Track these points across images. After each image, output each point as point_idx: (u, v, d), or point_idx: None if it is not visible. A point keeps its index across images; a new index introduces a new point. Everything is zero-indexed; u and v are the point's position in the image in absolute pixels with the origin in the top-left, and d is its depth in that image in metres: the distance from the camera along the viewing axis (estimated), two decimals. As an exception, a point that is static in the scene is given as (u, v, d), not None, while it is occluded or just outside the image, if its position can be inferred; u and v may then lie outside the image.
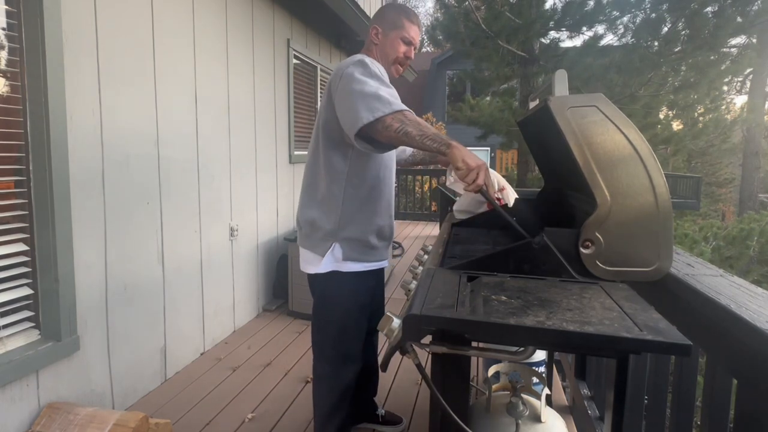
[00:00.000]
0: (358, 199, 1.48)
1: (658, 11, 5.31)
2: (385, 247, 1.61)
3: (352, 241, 1.49)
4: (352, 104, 1.28)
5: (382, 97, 1.26)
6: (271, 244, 3.54)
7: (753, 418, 0.74)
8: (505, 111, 6.61)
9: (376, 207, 1.52)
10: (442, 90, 16.36)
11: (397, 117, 1.23)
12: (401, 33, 1.51)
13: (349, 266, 1.51)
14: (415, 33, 1.53)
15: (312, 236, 1.52)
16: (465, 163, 1.12)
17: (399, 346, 0.84)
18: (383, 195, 1.54)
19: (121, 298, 2.08)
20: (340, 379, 1.60)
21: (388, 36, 1.51)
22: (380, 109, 1.23)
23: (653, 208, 0.96)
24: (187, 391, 2.29)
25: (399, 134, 1.21)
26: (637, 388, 1.39)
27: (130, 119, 2.10)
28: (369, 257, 1.54)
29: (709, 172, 17.68)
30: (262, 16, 3.34)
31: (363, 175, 1.47)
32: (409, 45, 1.53)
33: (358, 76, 1.31)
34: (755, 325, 0.70)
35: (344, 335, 1.57)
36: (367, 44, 1.57)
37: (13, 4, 1.63)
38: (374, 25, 1.54)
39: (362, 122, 1.24)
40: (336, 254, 1.49)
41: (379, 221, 1.53)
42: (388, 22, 1.51)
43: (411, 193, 8.36)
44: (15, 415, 1.65)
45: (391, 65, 1.54)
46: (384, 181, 1.54)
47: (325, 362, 1.62)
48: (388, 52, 1.52)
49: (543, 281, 0.95)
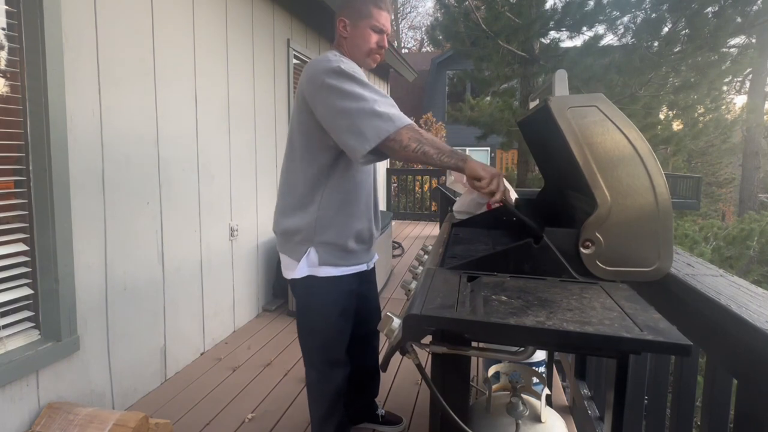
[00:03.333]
0: (335, 203, 1.44)
1: (659, 11, 5.31)
2: (364, 250, 1.57)
3: (329, 245, 1.46)
4: (353, 125, 1.25)
5: (382, 113, 1.24)
6: (271, 244, 3.54)
7: (753, 418, 0.74)
8: (505, 111, 6.61)
9: (353, 210, 1.48)
10: (442, 90, 16.35)
11: (412, 137, 1.24)
12: (370, 22, 1.41)
13: (325, 270, 1.47)
14: (386, 19, 1.43)
15: (289, 241, 1.48)
16: (486, 172, 1.18)
17: (399, 346, 0.84)
18: (361, 198, 1.50)
19: (121, 298, 2.08)
20: (329, 384, 1.57)
21: (357, 27, 1.41)
22: (385, 128, 1.23)
23: (653, 208, 0.96)
24: (187, 391, 2.29)
25: (417, 153, 1.24)
26: (637, 388, 1.39)
27: (130, 119, 2.10)
28: (346, 261, 1.50)
29: (709, 172, 17.68)
30: (262, 16, 3.34)
31: (340, 179, 1.44)
32: (381, 33, 1.43)
33: (347, 89, 1.27)
34: (755, 325, 0.70)
35: (327, 342, 1.54)
36: (337, 39, 1.47)
37: (13, 4, 1.63)
38: (340, 18, 1.43)
39: (371, 146, 1.24)
40: (312, 258, 1.46)
41: (357, 225, 1.49)
42: (355, 12, 1.41)
43: (411, 193, 8.36)
44: (15, 415, 1.65)
45: (366, 57, 1.45)
46: (361, 184, 1.50)
47: (312, 369, 1.59)
48: (359, 44, 1.42)
49: (543, 281, 0.95)
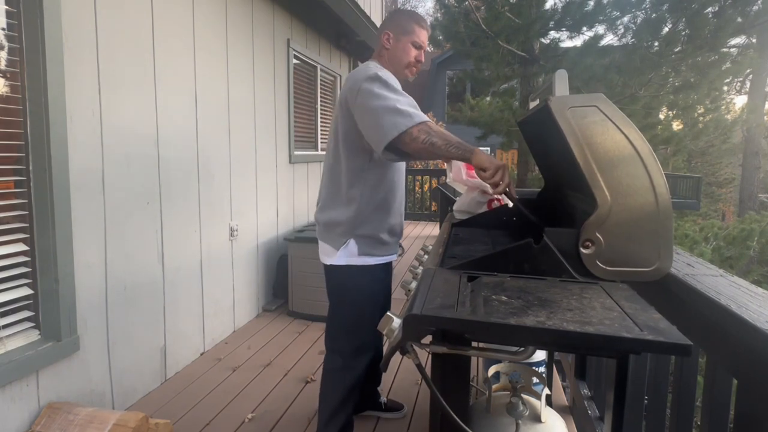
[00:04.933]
0: (375, 200, 1.59)
1: (659, 11, 5.30)
2: (395, 242, 1.74)
3: (366, 238, 1.61)
4: (376, 121, 1.38)
5: (403, 110, 1.35)
6: (271, 244, 3.54)
7: (753, 418, 0.74)
8: (505, 111, 6.60)
9: (389, 208, 1.64)
10: (442, 90, 16.35)
11: (422, 129, 1.33)
12: (412, 38, 1.59)
13: (362, 260, 1.62)
14: (425, 37, 1.62)
15: (331, 232, 1.63)
16: (491, 164, 1.23)
17: (399, 346, 0.84)
18: (396, 197, 1.67)
19: (121, 298, 2.08)
20: (352, 371, 1.66)
21: (399, 41, 1.59)
22: (403, 123, 1.33)
23: (653, 208, 0.96)
24: (187, 391, 2.29)
25: (426, 145, 1.32)
26: (637, 388, 1.39)
27: (130, 119, 2.10)
28: (380, 251, 1.65)
29: (709, 172, 17.67)
30: (262, 16, 3.34)
31: (380, 179, 1.59)
32: (419, 49, 1.62)
33: (377, 91, 1.40)
34: (755, 325, 0.70)
35: (357, 327, 1.65)
36: (378, 49, 1.64)
37: (13, 4, 1.63)
38: (386, 31, 1.61)
39: (389, 138, 1.34)
40: (351, 249, 1.60)
41: (391, 220, 1.66)
42: (399, 28, 1.59)
43: (411, 193, 8.36)
44: (15, 415, 1.65)
45: (404, 69, 1.62)
46: (397, 184, 1.66)
47: (338, 355, 1.68)
48: (400, 56, 1.60)
49: (543, 281, 0.95)
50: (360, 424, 1.99)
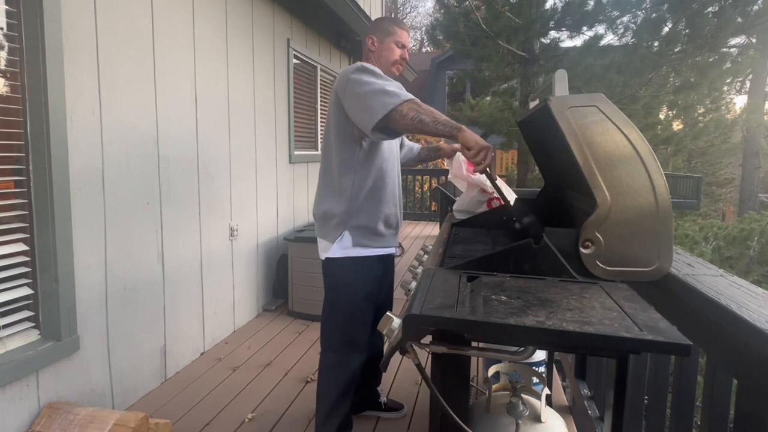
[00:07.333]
0: (365, 188, 1.63)
1: (659, 11, 5.30)
2: (392, 235, 1.74)
3: (361, 228, 1.63)
4: (365, 103, 1.43)
5: (390, 91, 1.41)
6: (271, 244, 3.54)
7: (753, 418, 0.74)
8: (505, 111, 6.60)
9: (381, 196, 1.66)
10: (442, 90, 16.34)
11: (411, 107, 1.37)
12: (394, 38, 1.70)
13: (357, 251, 1.64)
14: (406, 37, 1.73)
15: (326, 226, 1.66)
16: (476, 143, 1.25)
17: (399, 346, 0.84)
18: (387, 185, 1.68)
19: (121, 298, 2.08)
20: (346, 369, 1.68)
21: (383, 42, 1.70)
22: (392, 102, 1.38)
23: (653, 208, 0.96)
24: (187, 391, 2.29)
25: (414, 122, 1.35)
26: (637, 388, 1.39)
27: (130, 119, 2.10)
28: (376, 243, 1.67)
29: (709, 172, 17.66)
30: (262, 16, 3.34)
31: (368, 166, 1.62)
32: (402, 48, 1.72)
33: (365, 79, 1.47)
34: (755, 325, 0.70)
35: (350, 322, 1.67)
36: (365, 53, 1.75)
37: (13, 4, 1.63)
38: (369, 36, 1.73)
39: (379, 116, 1.38)
40: (346, 241, 1.63)
41: (385, 209, 1.67)
42: (381, 31, 1.71)
43: (411, 193, 8.35)
44: (15, 415, 1.65)
45: (391, 66, 1.72)
46: (386, 172, 1.68)
47: (333, 351, 1.70)
48: (387, 55, 1.71)
49: (543, 281, 0.95)
50: (360, 424, 1.99)
